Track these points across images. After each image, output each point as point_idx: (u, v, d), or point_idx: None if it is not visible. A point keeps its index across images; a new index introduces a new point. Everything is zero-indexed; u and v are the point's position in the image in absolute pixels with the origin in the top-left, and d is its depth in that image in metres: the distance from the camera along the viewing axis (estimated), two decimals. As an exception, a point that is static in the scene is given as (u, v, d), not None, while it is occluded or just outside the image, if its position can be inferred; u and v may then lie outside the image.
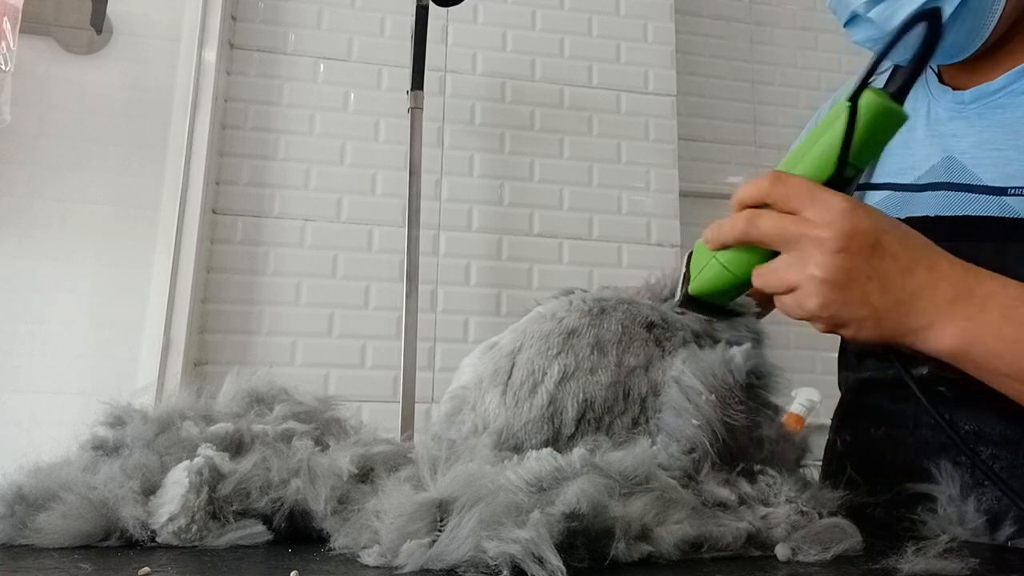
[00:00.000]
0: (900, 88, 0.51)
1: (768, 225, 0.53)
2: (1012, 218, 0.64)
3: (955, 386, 0.64)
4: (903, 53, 0.54)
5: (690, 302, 0.60)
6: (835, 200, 0.51)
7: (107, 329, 1.69)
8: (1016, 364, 0.50)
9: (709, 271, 0.58)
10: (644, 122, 2.08)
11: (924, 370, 0.65)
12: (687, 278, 0.60)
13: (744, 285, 0.57)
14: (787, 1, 2.45)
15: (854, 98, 0.50)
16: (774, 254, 0.54)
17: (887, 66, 0.76)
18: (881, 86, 0.58)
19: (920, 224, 0.69)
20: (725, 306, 0.61)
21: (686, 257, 0.61)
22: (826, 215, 0.50)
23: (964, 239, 0.66)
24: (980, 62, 0.70)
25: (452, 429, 0.58)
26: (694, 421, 0.52)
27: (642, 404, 0.55)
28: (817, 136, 0.53)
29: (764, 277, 0.54)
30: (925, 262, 0.51)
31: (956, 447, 0.64)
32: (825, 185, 0.52)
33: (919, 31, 0.50)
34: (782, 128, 2.36)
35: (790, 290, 0.53)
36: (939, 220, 0.69)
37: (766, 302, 0.63)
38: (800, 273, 0.52)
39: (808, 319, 0.54)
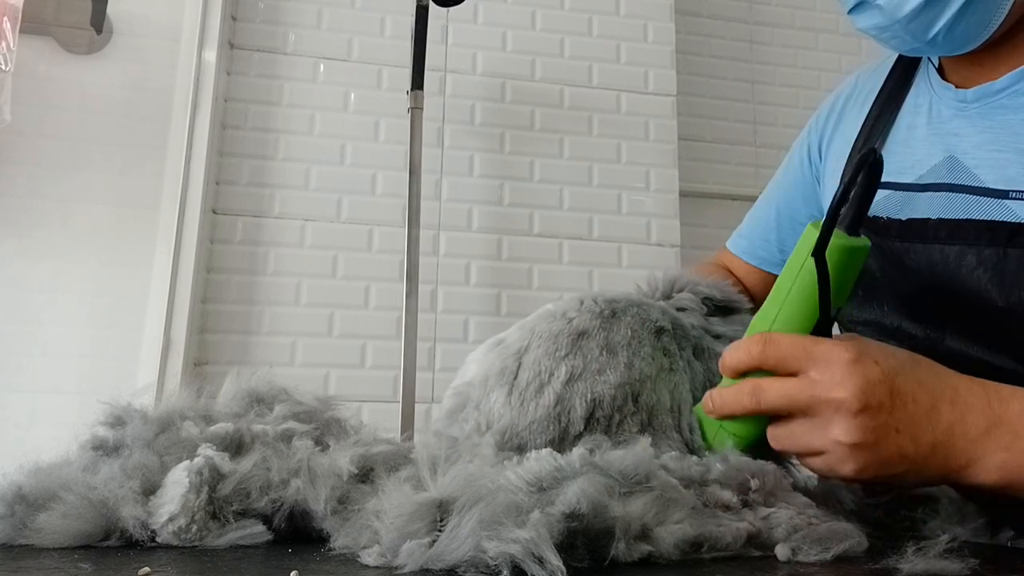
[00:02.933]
0: (852, 222, 0.52)
1: (775, 396, 0.51)
2: (1014, 222, 0.63)
3: None
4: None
5: None
6: (836, 352, 0.49)
7: (107, 329, 1.69)
8: None
9: (721, 441, 0.56)
10: (644, 122, 2.08)
11: None
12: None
13: (761, 439, 0.54)
14: (787, 1, 2.45)
15: (818, 253, 0.49)
16: None
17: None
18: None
19: (921, 226, 0.69)
20: None
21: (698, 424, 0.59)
22: (835, 373, 0.48)
23: (966, 243, 0.65)
24: (983, 56, 0.69)
25: (454, 427, 0.57)
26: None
27: (650, 412, 0.56)
28: (787, 287, 0.53)
29: (783, 441, 0.52)
30: (945, 397, 0.49)
31: None
32: (813, 333, 0.51)
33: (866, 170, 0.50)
34: (782, 128, 2.36)
35: (815, 453, 0.51)
36: (940, 223, 0.68)
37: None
38: (824, 438, 0.49)
39: (846, 482, 0.52)
